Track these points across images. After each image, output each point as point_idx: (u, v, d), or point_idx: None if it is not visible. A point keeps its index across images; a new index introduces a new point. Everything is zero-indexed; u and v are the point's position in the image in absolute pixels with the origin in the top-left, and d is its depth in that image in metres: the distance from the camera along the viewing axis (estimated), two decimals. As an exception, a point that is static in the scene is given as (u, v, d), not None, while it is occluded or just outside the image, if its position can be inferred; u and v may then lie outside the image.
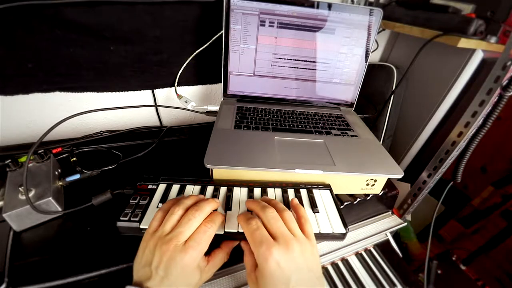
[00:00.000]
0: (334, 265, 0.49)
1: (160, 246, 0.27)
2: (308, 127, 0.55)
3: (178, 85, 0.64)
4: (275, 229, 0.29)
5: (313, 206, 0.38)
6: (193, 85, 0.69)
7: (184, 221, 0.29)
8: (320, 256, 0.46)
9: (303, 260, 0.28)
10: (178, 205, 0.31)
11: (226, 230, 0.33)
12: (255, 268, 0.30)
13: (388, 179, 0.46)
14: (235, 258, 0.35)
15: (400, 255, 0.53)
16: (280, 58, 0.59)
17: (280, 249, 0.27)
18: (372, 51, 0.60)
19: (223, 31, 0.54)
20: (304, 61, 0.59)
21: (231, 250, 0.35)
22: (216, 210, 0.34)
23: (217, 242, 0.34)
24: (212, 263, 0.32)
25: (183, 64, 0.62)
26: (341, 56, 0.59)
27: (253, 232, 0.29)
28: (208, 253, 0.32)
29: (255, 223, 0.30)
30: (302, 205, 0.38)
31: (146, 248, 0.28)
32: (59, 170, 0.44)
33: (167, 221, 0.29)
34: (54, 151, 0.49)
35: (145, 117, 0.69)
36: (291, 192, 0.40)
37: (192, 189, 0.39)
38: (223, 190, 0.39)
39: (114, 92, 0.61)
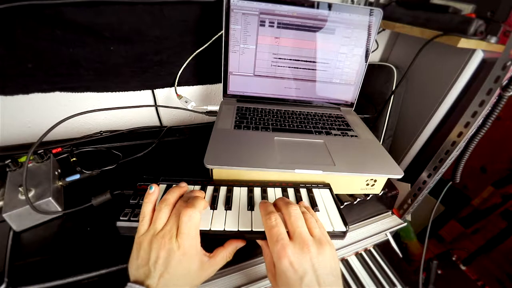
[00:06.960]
0: (334, 265, 0.49)
1: (156, 242, 0.28)
2: (308, 127, 0.55)
3: (178, 85, 0.64)
4: (294, 227, 0.30)
5: (313, 205, 0.38)
6: (193, 85, 0.69)
7: (173, 215, 0.31)
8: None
9: (318, 261, 0.28)
10: (162, 202, 0.32)
11: (226, 229, 0.33)
12: (273, 262, 0.30)
13: (388, 179, 0.46)
14: (238, 257, 0.35)
15: (400, 255, 0.53)
16: (280, 58, 0.59)
17: (295, 249, 0.28)
18: (372, 51, 0.60)
19: (223, 31, 0.54)
20: (304, 61, 0.59)
21: (235, 250, 0.35)
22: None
23: (221, 242, 0.34)
24: (213, 260, 0.32)
25: (183, 64, 0.62)
26: (341, 56, 0.59)
27: (271, 229, 0.30)
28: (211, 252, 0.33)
29: (274, 219, 0.30)
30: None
31: (140, 249, 0.28)
32: (59, 170, 0.44)
33: (156, 219, 0.30)
34: (54, 151, 0.49)
35: (145, 117, 0.69)
36: (291, 192, 0.40)
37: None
38: (223, 190, 0.39)
39: (114, 92, 0.61)
